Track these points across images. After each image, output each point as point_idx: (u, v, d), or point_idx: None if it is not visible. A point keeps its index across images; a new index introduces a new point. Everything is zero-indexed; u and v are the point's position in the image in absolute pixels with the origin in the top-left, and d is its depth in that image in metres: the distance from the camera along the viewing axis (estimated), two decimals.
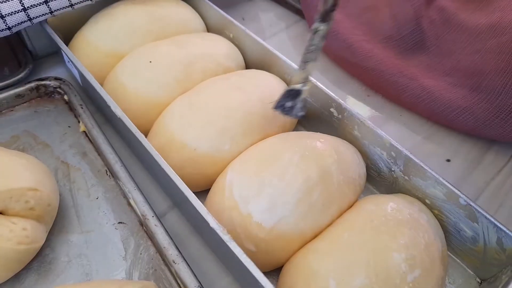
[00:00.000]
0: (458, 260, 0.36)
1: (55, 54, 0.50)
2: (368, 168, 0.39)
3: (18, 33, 0.45)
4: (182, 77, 0.40)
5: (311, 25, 0.55)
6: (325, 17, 0.31)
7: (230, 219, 0.31)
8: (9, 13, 0.39)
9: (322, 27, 0.32)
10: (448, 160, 0.45)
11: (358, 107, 0.50)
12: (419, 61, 0.50)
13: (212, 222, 0.28)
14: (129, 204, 0.36)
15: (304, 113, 0.35)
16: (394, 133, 0.47)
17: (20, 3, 0.39)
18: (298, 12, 0.61)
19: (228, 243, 0.28)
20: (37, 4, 0.40)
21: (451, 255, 0.36)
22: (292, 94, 0.34)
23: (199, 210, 0.29)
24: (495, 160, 0.45)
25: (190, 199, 0.30)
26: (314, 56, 0.33)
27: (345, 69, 0.54)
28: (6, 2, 0.39)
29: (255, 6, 0.63)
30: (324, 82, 0.52)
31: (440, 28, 0.49)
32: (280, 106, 0.35)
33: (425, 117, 0.49)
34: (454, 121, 0.45)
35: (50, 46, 0.48)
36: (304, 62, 0.33)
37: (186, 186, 0.31)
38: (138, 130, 0.34)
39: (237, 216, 0.30)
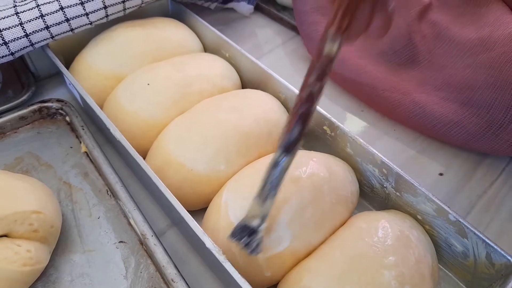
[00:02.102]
0: (450, 274, 0.37)
1: (57, 75, 0.51)
2: (361, 184, 0.40)
3: (21, 56, 0.47)
4: (179, 99, 0.41)
5: (306, 42, 0.57)
6: (290, 149, 0.28)
7: (225, 239, 0.32)
8: (12, 40, 0.41)
9: (285, 160, 0.28)
10: (441, 174, 0.46)
11: (352, 122, 0.51)
12: (412, 76, 0.51)
13: (208, 243, 0.30)
14: (129, 224, 0.37)
15: (259, 252, 0.30)
16: (388, 148, 0.48)
17: (22, 29, 0.41)
18: (294, 28, 0.62)
19: (223, 263, 0.29)
20: (39, 29, 0.42)
21: (443, 269, 0.37)
22: (247, 231, 0.29)
23: (195, 231, 0.30)
24: (487, 173, 0.46)
25: (186, 220, 0.31)
26: (274, 192, 0.29)
27: (339, 85, 0.55)
28: (9, 29, 0.40)
29: (251, 23, 0.64)
30: None
31: (432, 43, 0.51)
32: (235, 237, 0.30)
33: (418, 131, 0.50)
34: (446, 135, 0.46)
35: (52, 68, 0.50)
36: (263, 197, 0.29)
37: (182, 207, 0.32)
38: (136, 152, 0.36)
39: None
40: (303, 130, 0.27)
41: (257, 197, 0.29)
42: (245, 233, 0.29)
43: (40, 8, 0.41)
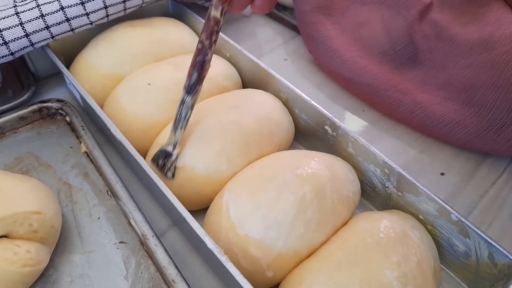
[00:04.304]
0: (452, 274, 0.37)
1: (57, 75, 0.51)
2: (363, 184, 0.40)
3: (21, 56, 0.47)
4: (180, 99, 0.41)
5: (306, 42, 0.57)
6: (191, 90, 0.35)
7: (227, 239, 0.31)
8: (12, 39, 0.40)
9: (188, 99, 0.35)
10: (442, 174, 0.45)
11: (354, 121, 0.51)
12: (413, 76, 0.51)
13: (210, 243, 0.29)
14: (130, 224, 0.37)
15: (173, 177, 0.36)
16: (389, 148, 0.48)
17: (23, 29, 0.41)
18: (294, 28, 0.62)
19: (225, 264, 0.28)
20: (39, 29, 0.41)
21: (445, 269, 0.37)
22: (164, 155, 0.36)
23: (197, 231, 0.30)
24: (489, 173, 0.46)
25: (187, 220, 0.31)
26: (182, 124, 0.35)
27: (340, 84, 0.55)
28: (9, 29, 0.40)
29: (251, 23, 0.64)
30: (320, 97, 0.53)
31: (433, 42, 0.50)
32: (155, 161, 0.36)
33: (419, 131, 0.50)
34: (448, 135, 0.46)
35: (52, 68, 0.50)
36: (175, 128, 0.35)
37: (184, 207, 0.32)
38: (137, 152, 0.35)
39: (234, 236, 0.31)
40: (200, 75, 0.34)
41: (172, 128, 0.36)
42: (162, 157, 0.36)
43: (40, 8, 0.41)
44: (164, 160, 0.36)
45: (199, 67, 0.34)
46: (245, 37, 0.61)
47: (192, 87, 0.34)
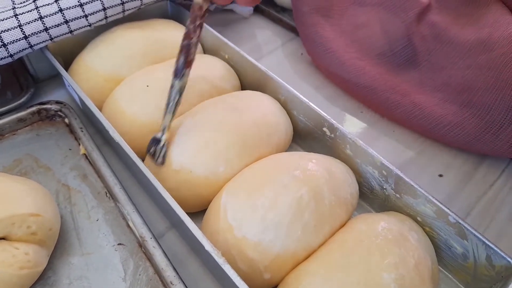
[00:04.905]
0: (450, 276, 0.37)
1: (56, 77, 0.51)
2: (361, 185, 0.40)
3: (20, 58, 0.47)
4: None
5: (305, 44, 0.57)
6: (178, 74, 0.36)
7: (225, 241, 0.32)
8: (10, 42, 0.41)
9: (176, 82, 0.36)
10: (441, 175, 0.45)
11: (352, 123, 0.51)
12: (411, 77, 0.51)
13: (207, 245, 0.29)
14: (128, 226, 0.37)
15: (163, 163, 0.37)
16: (387, 149, 0.48)
17: (21, 31, 0.41)
18: (293, 29, 0.62)
19: (222, 266, 0.29)
20: (38, 31, 0.42)
21: (443, 270, 0.37)
22: (154, 142, 0.37)
23: (194, 233, 0.30)
24: (487, 174, 0.46)
25: (185, 222, 0.31)
26: (171, 109, 0.37)
27: (338, 86, 0.55)
28: (7, 31, 0.40)
29: (250, 24, 0.64)
30: (318, 98, 0.54)
31: (432, 44, 0.50)
32: (148, 150, 0.38)
33: (417, 132, 0.50)
34: (446, 136, 0.46)
35: (51, 70, 0.50)
36: (165, 112, 0.37)
37: (181, 209, 0.32)
38: (135, 154, 0.35)
39: (232, 238, 0.31)
40: (186, 58, 0.36)
41: (163, 114, 0.37)
42: (154, 145, 0.37)
43: (39, 10, 0.41)
44: (155, 147, 0.37)
45: (186, 50, 0.35)
46: (243, 39, 0.61)
47: (180, 70, 0.36)
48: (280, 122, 0.41)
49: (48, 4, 0.41)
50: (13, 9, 0.41)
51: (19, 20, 0.41)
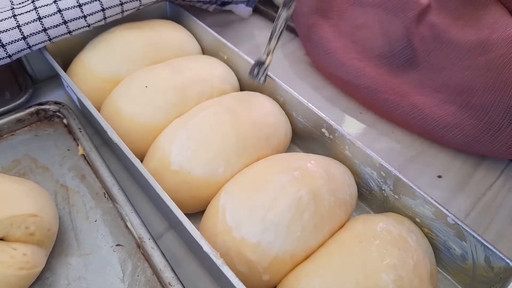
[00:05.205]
0: (448, 277, 0.37)
1: (55, 78, 0.51)
2: (359, 186, 0.40)
3: (18, 59, 0.47)
4: (177, 101, 0.41)
5: (304, 45, 0.57)
6: (287, 3, 0.40)
7: (223, 242, 0.31)
8: (9, 42, 0.40)
9: (284, 12, 0.41)
10: (440, 176, 0.45)
11: (351, 124, 0.51)
12: (410, 78, 0.51)
13: (206, 247, 0.29)
14: (127, 227, 0.37)
15: (264, 82, 0.43)
16: (386, 150, 0.48)
17: (20, 31, 0.41)
18: (292, 30, 0.62)
19: (221, 267, 0.28)
20: (36, 32, 0.41)
21: (442, 272, 0.37)
22: (258, 64, 0.42)
23: (193, 234, 0.30)
24: (486, 175, 0.46)
25: (184, 223, 0.31)
26: (276, 35, 0.41)
27: (338, 87, 0.55)
28: (6, 31, 0.40)
29: (249, 25, 0.64)
30: (317, 99, 0.54)
31: (431, 45, 0.50)
32: (250, 72, 0.43)
33: (416, 133, 0.50)
34: (445, 137, 0.46)
35: (50, 70, 0.50)
36: (270, 39, 0.41)
37: (180, 210, 0.32)
38: (134, 155, 0.35)
39: (230, 240, 0.31)
40: None
41: (268, 41, 0.41)
42: (256, 66, 0.42)
43: (37, 10, 0.41)
44: (258, 69, 0.42)
45: None
46: (243, 40, 0.61)
47: (288, 2, 0.40)
48: (279, 123, 0.41)
49: (47, 5, 0.41)
50: (11, 9, 0.41)
51: (17, 21, 0.40)
